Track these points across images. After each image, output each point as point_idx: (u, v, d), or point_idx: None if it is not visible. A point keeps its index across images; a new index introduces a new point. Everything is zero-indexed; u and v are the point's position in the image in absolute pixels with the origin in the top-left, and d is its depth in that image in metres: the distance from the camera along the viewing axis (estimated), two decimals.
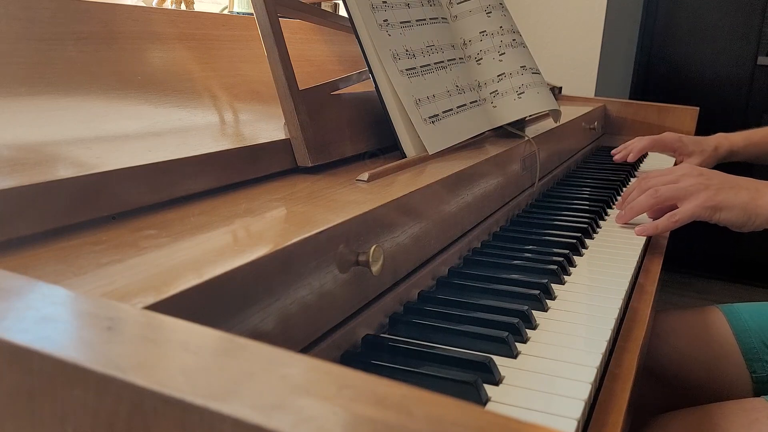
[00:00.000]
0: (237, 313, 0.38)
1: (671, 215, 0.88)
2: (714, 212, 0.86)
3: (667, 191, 0.89)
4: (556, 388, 0.48)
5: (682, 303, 2.57)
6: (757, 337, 0.93)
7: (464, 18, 0.94)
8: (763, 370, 0.92)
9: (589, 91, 2.32)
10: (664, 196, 0.89)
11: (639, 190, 0.93)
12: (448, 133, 0.80)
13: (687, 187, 0.89)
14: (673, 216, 0.87)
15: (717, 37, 2.73)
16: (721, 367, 0.94)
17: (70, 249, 0.39)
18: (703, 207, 0.86)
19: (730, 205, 0.86)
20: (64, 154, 0.48)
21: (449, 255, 0.70)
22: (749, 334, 0.94)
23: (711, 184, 0.88)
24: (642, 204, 0.91)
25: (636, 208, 0.92)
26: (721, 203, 0.86)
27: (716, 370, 0.95)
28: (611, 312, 0.63)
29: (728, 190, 0.88)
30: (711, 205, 0.86)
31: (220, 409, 0.22)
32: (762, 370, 0.92)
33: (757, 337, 0.93)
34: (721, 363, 0.94)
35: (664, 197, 0.89)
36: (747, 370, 0.93)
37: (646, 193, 0.91)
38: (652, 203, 0.90)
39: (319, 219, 0.49)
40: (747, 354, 0.93)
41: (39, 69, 0.59)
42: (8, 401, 0.26)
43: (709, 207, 0.86)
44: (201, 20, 0.82)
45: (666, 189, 0.90)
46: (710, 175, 0.91)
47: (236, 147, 0.58)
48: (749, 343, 0.93)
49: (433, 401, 0.23)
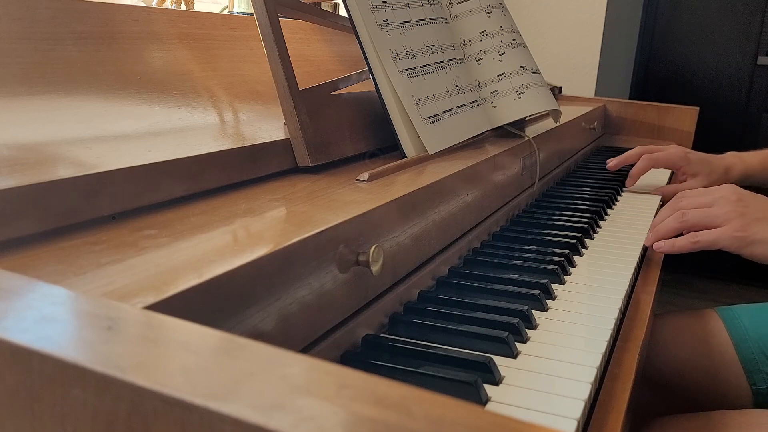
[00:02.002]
0: (237, 313, 0.38)
1: (693, 236, 0.80)
2: (744, 244, 0.77)
3: (695, 216, 0.81)
4: (556, 388, 0.49)
5: (681, 303, 2.57)
6: (756, 346, 0.91)
7: (464, 18, 0.94)
8: (763, 382, 0.90)
9: (589, 91, 2.32)
10: (691, 221, 0.82)
11: (670, 209, 0.86)
12: (448, 133, 0.80)
13: (719, 215, 0.80)
14: (694, 237, 0.80)
15: (717, 37, 2.73)
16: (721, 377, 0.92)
17: (70, 249, 0.39)
18: (731, 237, 0.78)
19: (766, 239, 0.77)
20: (64, 154, 0.48)
21: (449, 255, 0.70)
22: (749, 344, 0.92)
23: (747, 212, 0.79)
24: (667, 227, 0.84)
25: (660, 231, 0.84)
26: (754, 235, 0.77)
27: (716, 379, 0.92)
28: (611, 312, 0.63)
29: (766, 220, 0.78)
30: (741, 236, 0.77)
31: (220, 409, 0.22)
32: (762, 382, 0.90)
33: (757, 347, 0.91)
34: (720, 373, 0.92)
35: (691, 223, 0.82)
36: (747, 381, 0.91)
37: (673, 216, 0.83)
38: (677, 227, 0.83)
39: (319, 219, 0.49)
40: (746, 365, 0.91)
41: (39, 69, 0.59)
42: (8, 401, 0.26)
43: (739, 238, 0.77)
44: (201, 20, 0.82)
45: (695, 214, 0.82)
46: (750, 201, 0.81)
47: (236, 147, 0.58)
48: (749, 354, 0.91)
49: (433, 401, 0.23)
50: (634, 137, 1.71)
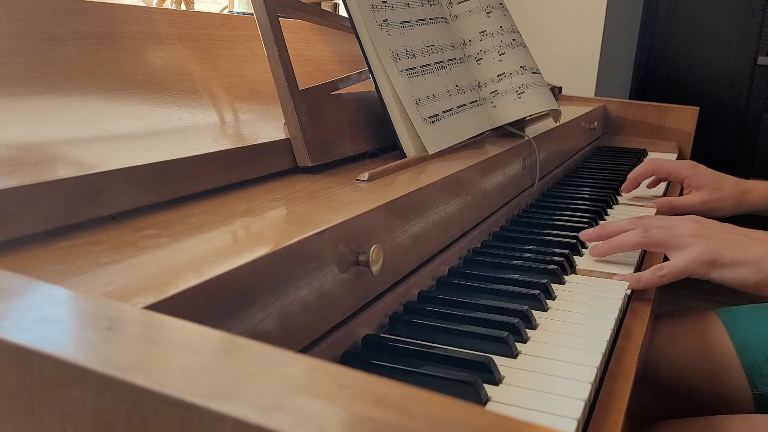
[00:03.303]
0: (237, 313, 0.38)
1: (659, 268, 0.73)
2: (712, 268, 0.73)
3: (659, 234, 0.75)
4: (556, 388, 0.49)
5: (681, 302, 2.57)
6: (758, 350, 0.90)
7: (464, 18, 0.94)
8: (765, 386, 0.89)
9: (589, 91, 2.32)
10: (654, 238, 0.75)
11: (629, 223, 0.79)
12: (448, 133, 0.80)
13: (682, 235, 0.74)
14: (660, 269, 0.72)
15: (717, 37, 2.73)
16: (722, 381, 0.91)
17: (70, 249, 0.39)
18: (699, 261, 0.72)
19: (735, 261, 0.72)
20: (64, 154, 0.48)
21: (449, 255, 0.70)
22: (750, 347, 0.91)
23: (713, 236, 0.74)
24: (628, 240, 0.76)
25: (619, 242, 0.77)
26: (721, 258, 0.72)
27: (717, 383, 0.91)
28: (611, 312, 0.63)
29: (734, 243, 0.74)
30: (709, 260, 0.72)
31: (220, 409, 0.22)
32: (764, 385, 0.89)
33: (759, 350, 0.90)
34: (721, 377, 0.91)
35: (653, 240, 0.75)
36: (748, 384, 0.90)
37: (636, 230, 0.76)
38: (638, 242, 0.76)
39: (319, 219, 0.49)
40: (748, 368, 0.90)
41: (39, 69, 0.59)
42: (8, 401, 0.26)
43: (706, 262, 0.72)
44: (201, 20, 0.82)
45: (659, 232, 0.75)
46: (714, 227, 0.76)
47: (236, 147, 0.58)
48: (750, 357, 0.90)
49: (433, 401, 0.23)
50: (634, 137, 1.71)
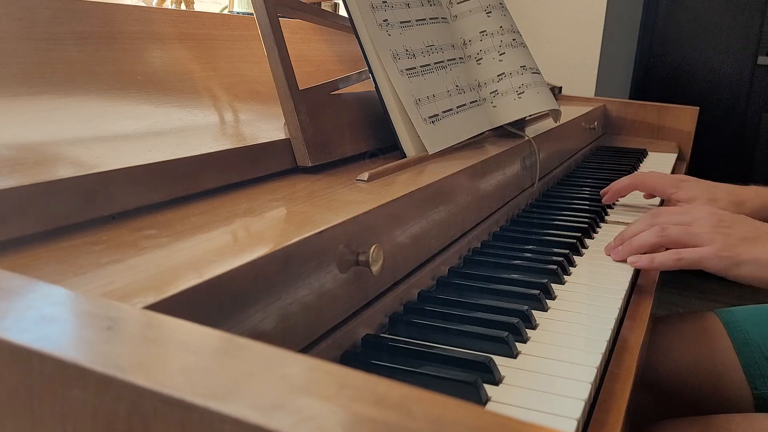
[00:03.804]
0: (237, 313, 0.38)
1: (676, 252, 0.74)
2: (731, 265, 0.72)
3: (676, 233, 0.76)
4: (556, 388, 0.49)
5: (681, 302, 2.57)
6: (758, 350, 0.91)
7: (464, 18, 0.94)
8: (764, 386, 0.89)
9: (589, 91, 2.32)
10: (671, 237, 0.76)
11: (644, 223, 0.79)
12: (448, 133, 0.80)
13: (701, 234, 0.74)
14: (678, 254, 0.73)
15: (717, 37, 2.73)
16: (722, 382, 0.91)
17: (70, 249, 0.39)
18: (717, 257, 0.72)
19: (754, 259, 0.72)
20: (64, 154, 0.48)
21: (449, 255, 0.70)
22: (750, 348, 0.91)
23: (731, 232, 0.74)
24: (645, 240, 0.77)
25: (637, 244, 0.77)
26: (740, 255, 0.72)
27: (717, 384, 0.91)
28: (611, 312, 0.63)
29: (754, 240, 0.73)
30: (728, 255, 0.72)
31: (220, 409, 0.22)
32: (764, 386, 0.89)
33: (758, 351, 0.91)
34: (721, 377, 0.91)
35: (671, 239, 0.76)
36: (748, 385, 0.90)
37: (652, 231, 0.77)
38: (656, 242, 0.76)
39: (319, 219, 0.49)
40: (748, 369, 0.90)
41: (39, 69, 0.59)
42: (8, 401, 0.26)
43: (725, 258, 0.72)
44: (201, 20, 0.82)
45: (676, 230, 0.76)
46: (732, 221, 0.76)
47: (236, 147, 0.58)
48: (750, 358, 0.91)
49: (433, 401, 0.23)
50: (634, 137, 1.71)
